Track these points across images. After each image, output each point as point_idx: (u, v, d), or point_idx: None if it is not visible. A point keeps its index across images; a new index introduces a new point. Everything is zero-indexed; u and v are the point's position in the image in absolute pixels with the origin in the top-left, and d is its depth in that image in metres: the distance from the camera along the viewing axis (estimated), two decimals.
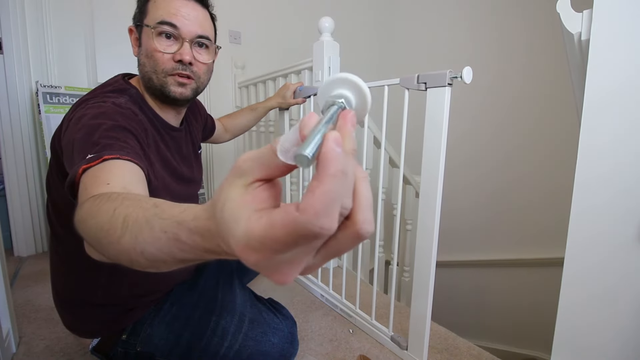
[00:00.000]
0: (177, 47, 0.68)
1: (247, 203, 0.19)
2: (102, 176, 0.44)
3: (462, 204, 2.46)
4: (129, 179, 0.46)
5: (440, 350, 0.95)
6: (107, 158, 0.46)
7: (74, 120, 0.55)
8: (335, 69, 1.27)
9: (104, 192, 0.40)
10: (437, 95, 0.76)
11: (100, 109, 0.56)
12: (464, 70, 0.71)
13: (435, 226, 0.79)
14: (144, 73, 0.70)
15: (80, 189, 0.45)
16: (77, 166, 0.46)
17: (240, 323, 0.73)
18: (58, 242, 0.70)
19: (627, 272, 0.55)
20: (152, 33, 0.66)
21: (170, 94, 0.70)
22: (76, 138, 0.51)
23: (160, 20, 0.66)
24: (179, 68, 0.69)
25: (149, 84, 0.70)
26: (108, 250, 0.33)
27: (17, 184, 1.53)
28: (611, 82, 0.54)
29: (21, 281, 1.31)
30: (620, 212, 0.54)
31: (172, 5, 0.67)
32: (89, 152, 0.48)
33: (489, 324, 2.40)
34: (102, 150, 0.48)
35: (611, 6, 0.53)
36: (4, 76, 1.47)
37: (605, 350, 0.58)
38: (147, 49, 0.68)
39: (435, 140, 0.77)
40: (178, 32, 0.67)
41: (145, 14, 0.68)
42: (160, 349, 0.71)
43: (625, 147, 0.53)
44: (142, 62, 0.69)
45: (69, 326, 0.75)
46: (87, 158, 0.46)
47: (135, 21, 0.70)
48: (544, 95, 2.09)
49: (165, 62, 0.68)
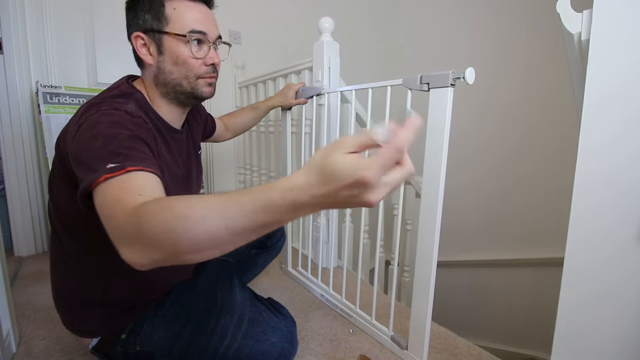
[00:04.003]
0: (205, 52, 0.71)
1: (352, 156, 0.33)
2: (131, 187, 0.47)
3: (462, 203, 2.46)
4: (158, 191, 0.49)
5: (440, 350, 0.95)
6: (130, 169, 0.48)
7: (87, 126, 0.55)
8: (335, 69, 1.27)
9: (159, 197, 0.45)
10: (440, 95, 0.75)
11: (114, 117, 0.57)
12: (467, 70, 0.70)
13: (437, 227, 0.79)
14: (171, 80, 0.71)
15: (107, 198, 0.46)
16: (98, 174, 0.47)
17: (240, 322, 0.73)
18: (59, 241, 0.71)
19: (627, 271, 0.55)
20: (182, 41, 0.68)
21: (202, 95, 0.74)
22: (92, 146, 0.52)
23: (191, 29, 0.68)
24: (209, 71, 0.73)
25: (177, 90, 0.72)
26: (184, 238, 0.38)
27: (17, 184, 1.53)
28: (611, 82, 0.54)
29: (21, 281, 1.31)
30: (620, 212, 0.54)
31: (196, 12, 0.69)
32: (109, 161, 0.48)
33: (489, 324, 2.40)
34: (124, 160, 0.49)
35: (611, 6, 0.53)
36: (4, 76, 1.47)
37: (605, 350, 0.58)
38: (177, 57, 0.69)
39: (437, 141, 0.77)
40: (205, 38, 0.70)
41: (165, 21, 0.67)
42: (159, 348, 0.71)
43: (625, 147, 0.53)
44: (168, 70, 0.70)
45: (69, 326, 0.75)
46: (109, 167, 0.48)
47: (147, 28, 0.68)
48: (543, 95, 2.09)
49: (198, 67, 0.71)
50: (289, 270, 1.41)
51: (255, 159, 1.92)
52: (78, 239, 0.68)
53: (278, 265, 1.49)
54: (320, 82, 1.27)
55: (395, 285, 0.99)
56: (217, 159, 2.14)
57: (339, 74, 1.29)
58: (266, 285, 1.33)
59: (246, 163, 2.02)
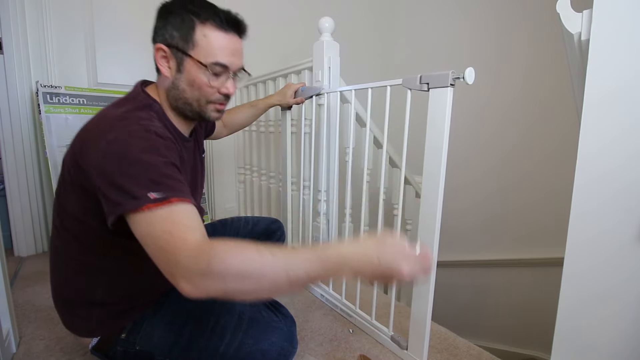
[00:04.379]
0: (222, 81, 0.71)
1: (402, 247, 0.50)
2: (182, 221, 0.51)
3: (462, 203, 2.46)
4: (200, 222, 0.53)
5: (440, 350, 0.95)
6: (174, 201, 0.52)
7: (118, 148, 0.55)
8: (335, 69, 1.27)
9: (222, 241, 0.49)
10: (440, 95, 0.75)
11: (148, 141, 0.57)
12: (467, 71, 0.70)
13: (437, 227, 0.79)
14: (183, 98, 0.71)
15: (156, 229, 0.50)
16: (140, 202, 0.51)
17: (240, 321, 0.73)
18: (61, 242, 0.71)
19: (627, 271, 0.55)
20: (203, 68, 0.68)
21: (209, 119, 0.76)
22: (129, 172, 0.53)
23: (215, 61, 0.68)
24: (221, 99, 0.74)
25: (185, 107, 0.72)
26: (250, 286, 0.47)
27: (17, 184, 1.53)
28: (611, 82, 0.54)
29: (21, 281, 1.31)
30: (621, 212, 0.54)
31: (224, 43, 0.68)
32: (151, 190, 0.51)
33: (489, 324, 2.40)
34: (167, 191, 0.52)
35: (611, 6, 0.53)
36: (4, 76, 1.47)
37: (605, 350, 0.58)
38: (193, 81, 0.69)
39: (437, 141, 0.77)
40: (226, 70, 0.70)
41: (192, 44, 0.67)
42: (159, 348, 0.71)
43: (625, 147, 0.53)
44: (182, 89, 0.70)
45: (69, 326, 0.75)
46: (153, 197, 0.51)
47: (172, 44, 0.68)
48: (544, 95, 2.09)
49: (212, 94, 0.71)
50: None
51: (255, 159, 1.92)
52: (82, 242, 0.68)
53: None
54: (320, 82, 1.27)
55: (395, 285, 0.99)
56: (217, 159, 2.14)
57: (339, 74, 1.29)
58: None
59: (246, 163, 2.02)
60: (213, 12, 0.68)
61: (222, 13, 0.68)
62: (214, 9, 0.68)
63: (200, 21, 0.67)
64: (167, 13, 0.69)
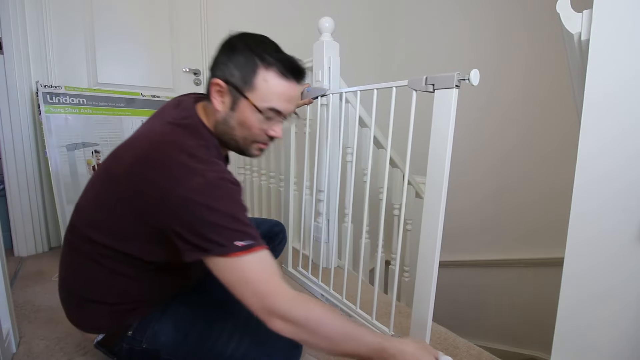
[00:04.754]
0: (272, 124, 0.71)
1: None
2: (269, 268, 0.60)
3: (463, 203, 2.46)
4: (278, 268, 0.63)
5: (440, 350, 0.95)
6: (257, 249, 0.59)
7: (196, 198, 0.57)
8: (335, 69, 1.27)
9: (305, 297, 0.62)
10: (445, 96, 0.76)
11: (224, 190, 0.61)
12: (472, 72, 0.71)
13: (439, 228, 0.78)
14: (230, 134, 0.71)
15: (247, 274, 0.58)
16: (227, 249, 0.57)
17: (247, 326, 0.73)
18: (82, 245, 0.69)
19: (627, 271, 0.55)
20: (257, 111, 0.68)
21: (250, 155, 0.77)
22: (212, 221, 0.57)
23: (271, 106, 0.68)
24: (267, 140, 0.74)
25: (230, 142, 0.73)
26: (333, 344, 0.60)
27: (17, 184, 1.53)
28: (611, 82, 0.54)
29: (21, 281, 1.31)
30: (621, 212, 0.54)
31: (283, 90, 0.69)
32: (236, 238, 0.57)
33: (489, 324, 2.40)
34: (250, 239, 0.59)
35: (611, 6, 0.53)
36: (4, 76, 1.47)
37: (605, 350, 0.58)
38: (244, 121, 0.69)
39: (441, 141, 0.77)
40: (279, 115, 0.71)
41: (251, 86, 0.67)
42: (166, 347, 0.71)
43: (625, 147, 0.53)
44: (232, 126, 0.70)
45: (74, 321, 0.75)
46: (240, 245, 0.57)
47: (231, 81, 0.68)
48: (544, 96, 2.09)
49: (259, 135, 0.72)
50: (289, 270, 1.41)
51: (256, 159, 1.92)
52: (107, 255, 0.67)
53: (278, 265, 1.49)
54: (320, 82, 1.27)
55: (396, 285, 0.98)
56: None
57: (339, 74, 1.29)
58: None
59: (246, 163, 2.02)
60: (278, 57, 0.68)
61: (286, 60, 0.69)
62: (278, 55, 0.69)
63: (264, 66, 0.67)
64: (231, 49, 0.69)
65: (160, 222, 0.60)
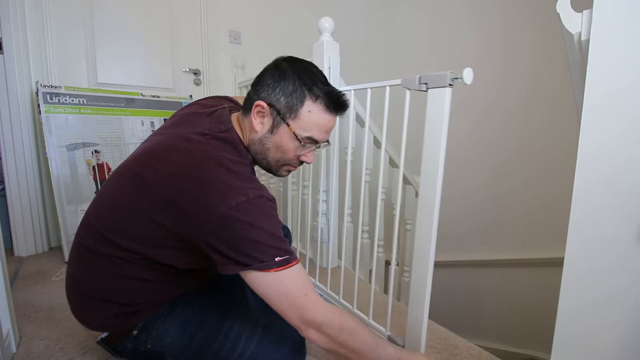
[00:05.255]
0: (306, 150, 0.74)
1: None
2: (305, 280, 0.63)
3: (463, 203, 2.46)
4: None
5: (440, 350, 0.95)
6: (293, 264, 0.62)
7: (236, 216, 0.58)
8: (335, 69, 1.27)
9: (338, 309, 0.65)
10: (438, 95, 0.76)
11: (264, 208, 0.62)
12: (465, 71, 0.71)
13: (434, 226, 0.79)
14: (264, 154, 0.73)
15: (287, 287, 0.61)
16: (267, 264, 0.59)
17: (254, 329, 0.73)
18: (98, 248, 0.68)
19: (627, 272, 0.55)
20: (295, 138, 0.70)
21: (277, 175, 0.79)
22: (252, 238, 0.59)
23: (310, 136, 0.71)
24: (297, 163, 0.77)
25: (262, 161, 0.75)
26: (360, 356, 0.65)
27: (17, 184, 1.53)
28: (611, 82, 0.54)
29: (21, 281, 1.31)
30: (620, 212, 0.54)
31: (324, 122, 0.71)
32: (275, 254, 0.60)
33: (489, 324, 2.40)
34: (287, 254, 0.61)
35: (611, 6, 0.53)
36: (4, 76, 1.47)
37: (605, 350, 0.58)
38: (281, 145, 0.71)
39: (435, 140, 0.77)
40: (315, 144, 0.73)
41: (294, 115, 0.69)
42: (171, 349, 0.71)
43: (625, 148, 0.53)
44: (267, 148, 0.72)
45: (81, 319, 0.74)
46: (277, 260, 0.60)
47: (275, 106, 0.69)
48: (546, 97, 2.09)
49: (292, 159, 0.74)
50: None
51: None
52: (126, 259, 0.67)
53: None
54: None
55: (392, 285, 0.98)
56: None
57: (339, 74, 1.29)
58: None
59: None
60: (325, 91, 0.69)
61: (332, 94, 0.70)
62: (326, 88, 0.70)
63: (311, 98, 0.68)
64: (280, 75, 0.70)
65: (195, 236, 0.60)
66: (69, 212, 1.51)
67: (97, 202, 0.72)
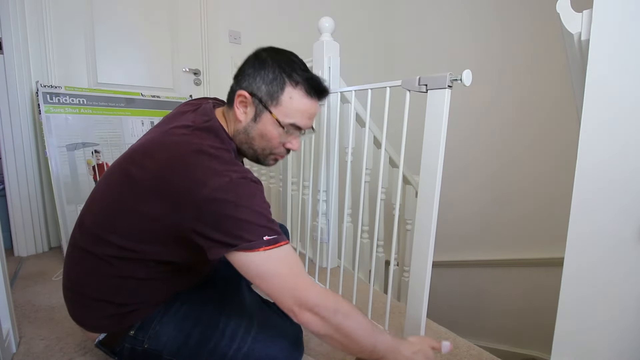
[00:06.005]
0: (291, 138, 0.74)
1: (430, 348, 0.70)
2: (297, 261, 0.62)
3: (463, 203, 2.46)
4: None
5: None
6: (282, 244, 0.60)
7: (222, 197, 0.58)
8: (335, 69, 1.27)
9: (332, 292, 0.65)
10: (438, 96, 0.77)
11: (250, 188, 0.62)
12: (464, 73, 0.72)
13: (432, 226, 0.80)
14: (249, 144, 0.74)
15: (275, 266, 0.59)
16: (255, 244, 0.58)
17: (250, 325, 0.73)
18: (92, 248, 0.68)
19: (627, 271, 0.55)
20: (278, 125, 0.70)
21: (265, 164, 0.79)
22: (239, 217, 0.58)
23: (293, 123, 0.71)
24: (284, 152, 0.76)
25: (248, 151, 0.75)
26: (355, 342, 0.62)
27: (17, 184, 1.53)
28: (611, 82, 0.54)
29: (21, 281, 1.31)
30: (620, 213, 0.54)
31: (306, 108, 0.71)
32: (264, 234, 0.59)
33: (489, 324, 2.40)
34: (275, 234, 0.60)
35: (611, 6, 0.53)
36: (4, 76, 1.47)
37: (605, 350, 0.58)
38: (265, 133, 0.71)
39: (435, 140, 0.78)
40: (299, 131, 0.73)
41: (276, 101, 0.69)
42: (168, 348, 0.71)
43: (625, 147, 0.53)
44: (252, 136, 0.72)
45: (78, 320, 0.75)
46: (266, 239, 0.58)
47: (256, 94, 0.70)
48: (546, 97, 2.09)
49: (277, 146, 0.74)
50: None
51: None
52: (120, 257, 0.67)
53: None
54: None
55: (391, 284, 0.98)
56: None
57: (339, 74, 1.29)
58: None
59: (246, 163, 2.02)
60: (305, 77, 0.70)
61: (312, 80, 0.71)
62: (306, 74, 0.71)
63: (291, 84, 0.69)
64: (260, 64, 0.71)
65: (183, 224, 0.60)
66: (69, 212, 1.51)
67: (89, 203, 0.73)
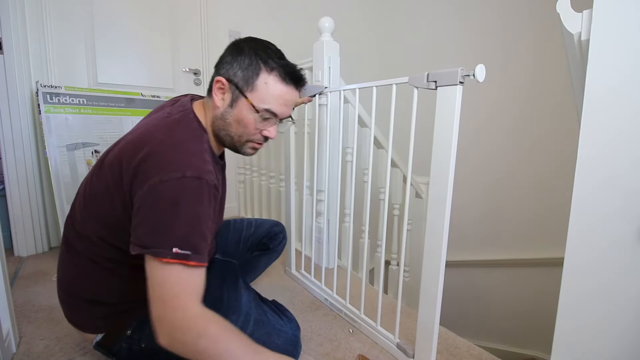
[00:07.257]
0: (267, 125, 0.75)
1: None
2: (193, 286, 0.58)
3: (464, 204, 2.46)
4: (202, 289, 0.60)
5: (440, 350, 0.95)
6: (191, 264, 0.57)
7: (164, 192, 0.57)
8: (336, 69, 1.27)
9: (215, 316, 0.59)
10: (448, 94, 0.71)
11: (197, 194, 0.60)
12: (477, 67, 0.67)
13: (445, 229, 0.76)
14: (226, 130, 0.74)
15: (168, 281, 0.56)
16: (162, 252, 0.55)
17: (246, 323, 0.73)
18: (80, 244, 0.70)
19: (627, 271, 0.55)
20: (254, 111, 0.71)
21: (243, 154, 0.79)
22: (167, 217, 0.57)
23: (268, 108, 0.71)
24: (261, 140, 0.77)
25: (225, 138, 0.75)
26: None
27: (17, 184, 1.53)
28: (611, 82, 0.54)
29: (21, 281, 1.31)
30: (620, 213, 0.54)
31: (281, 94, 0.72)
32: (177, 245, 0.56)
33: (489, 324, 2.40)
34: (190, 250, 0.57)
35: (611, 6, 0.53)
36: (4, 76, 1.46)
37: (605, 350, 0.58)
38: (242, 119, 0.72)
39: (446, 141, 0.73)
40: (275, 117, 0.74)
41: (251, 87, 0.70)
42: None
43: (625, 147, 0.53)
44: (229, 122, 0.73)
45: (74, 322, 0.75)
46: (175, 252, 0.56)
47: (233, 80, 0.71)
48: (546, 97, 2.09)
49: (254, 134, 0.74)
50: (292, 272, 1.41)
51: (255, 159, 1.92)
52: (105, 249, 0.68)
53: (280, 266, 1.49)
54: (320, 82, 1.27)
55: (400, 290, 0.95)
56: None
57: (340, 74, 1.29)
58: (266, 285, 1.33)
59: (246, 163, 2.02)
60: (280, 63, 0.71)
61: (287, 66, 0.72)
62: (281, 61, 0.72)
63: (266, 69, 0.70)
64: (238, 51, 0.72)
65: (128, 203, 0.61)
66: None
67: (73, 203, 0.76)
